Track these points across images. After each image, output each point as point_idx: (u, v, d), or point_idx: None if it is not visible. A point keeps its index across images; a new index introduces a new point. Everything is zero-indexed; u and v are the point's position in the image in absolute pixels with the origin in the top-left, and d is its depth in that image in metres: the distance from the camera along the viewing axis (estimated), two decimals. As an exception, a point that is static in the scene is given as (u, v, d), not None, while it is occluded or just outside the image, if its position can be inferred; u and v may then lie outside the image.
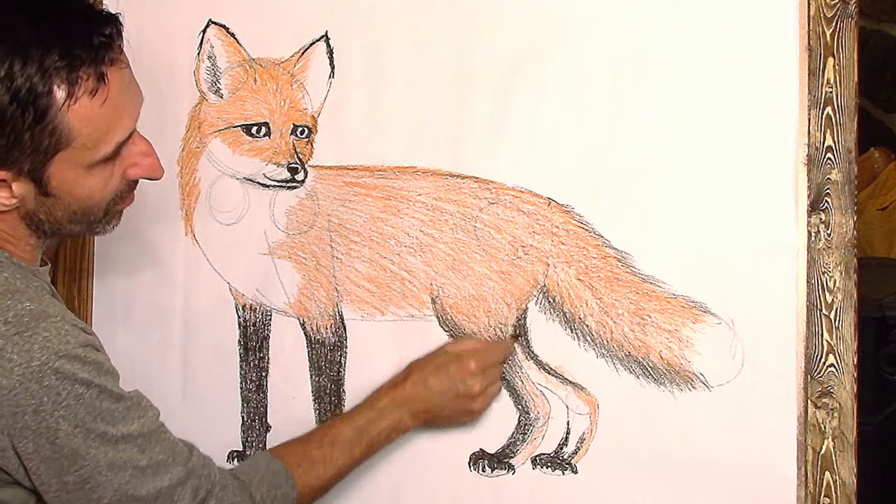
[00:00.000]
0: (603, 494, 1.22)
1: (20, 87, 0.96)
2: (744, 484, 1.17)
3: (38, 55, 0.96)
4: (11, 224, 1.06)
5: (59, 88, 0.98)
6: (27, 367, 0.96)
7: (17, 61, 0.96)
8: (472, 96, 1.26)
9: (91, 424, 0.99)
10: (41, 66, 0.96)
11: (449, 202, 1.28)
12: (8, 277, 1.03)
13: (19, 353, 0.96)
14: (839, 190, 1.15)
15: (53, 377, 0.96)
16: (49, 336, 0.97)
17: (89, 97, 0.99)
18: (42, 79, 0.97)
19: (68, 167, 1.02)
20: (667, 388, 1.20)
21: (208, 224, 1.36)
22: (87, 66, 0.99)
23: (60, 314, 1.01)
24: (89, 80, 0.99)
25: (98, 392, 0.99)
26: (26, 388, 0.96)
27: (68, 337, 0.98)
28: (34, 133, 0.98)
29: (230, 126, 1.34)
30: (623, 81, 1.21)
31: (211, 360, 1.36)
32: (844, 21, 1.15)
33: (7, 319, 0.98)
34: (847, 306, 1.15)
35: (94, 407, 0.99)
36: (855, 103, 1.15)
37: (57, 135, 0.99)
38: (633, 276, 1.21)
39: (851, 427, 1.15)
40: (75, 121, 0.99)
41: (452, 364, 1.21)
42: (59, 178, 1.02)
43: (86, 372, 0.98)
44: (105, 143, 1.03)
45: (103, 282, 1.41)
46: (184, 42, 1.37)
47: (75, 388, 0.97)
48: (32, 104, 0.97)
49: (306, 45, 1.32)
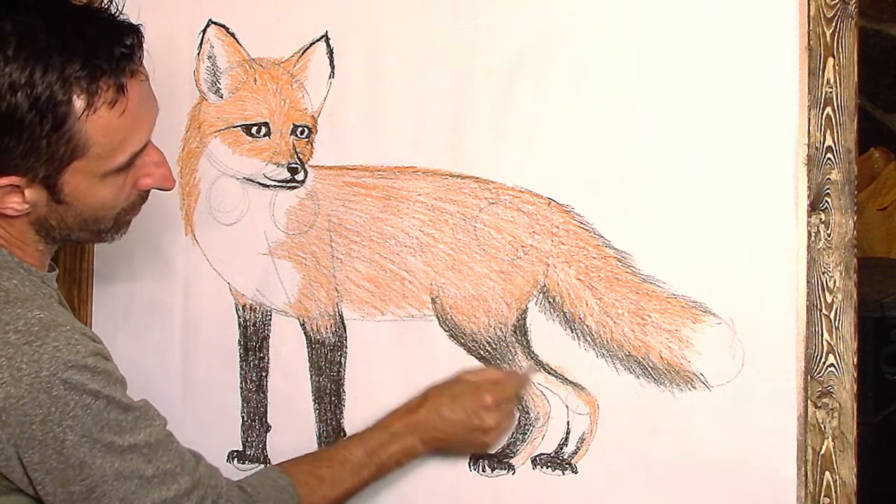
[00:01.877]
0: (603, 494, 1.22)
1: (40, 94, 0.96)
2: (744, 484, 1.17)
3: (59, 63, 0.96)
4: (21, 229, 1.06)
5: (79, 98, 0.98)
6: (36, 376, 0.95)
7: (38, 69, 0.96)
8: (472, 96, 1.26)
9: (98, 435, 0.98)
10: (62, 75, 0.96)
11: (449, 202, 1.28)
12: (17, 284, 1.03)
13: (28, 362, 0.95)
14: (839, 190, 1.15)
15: (62, 387, 0.96)
16: (59, 346, 0.97)
17: (108, 108, 0.99)
18: (62, 87, 0.97)
19: (82, 176, 1.02)
20: (667, 388, 1.20)
21: (208, 224, 1.36)
22: (108, 76, 0.99)
23: (70, 323, 1.01)
24: (109, 90, 0.99)
25: (107, 403, 0.99)
26: (35, 397, 0.95)
27: (78, 346, 0.98)
28: (51, 141, 0.98)
29: (230, 126, 1.34)
30: (623, 81, 1.21)
31: (211, 361, 1.36)
32: (844, 21, 1.15)
33: (17, 328, 0.97)
34: (847, 306, 1.15)
35: (101, 417, 0.98)
36: (855, 103, 1.15)
37: (73, 143, 0.99)
38: (633, 276, 1.21)
39: (851, 427, 1.15)
40: (93, 130, 0.99)
41: (469, 396, 1.20)
42: (72, 186, 1.02)
43: (95, 382, 0.98)
44: (120, 153, 1.03)
45: (103, 282, 1.41)
46: (184, 42, 1.37)
47: (83, 399, 0.97)
48: (51, 112, 0.97)
49: (306, 45, 1.32)
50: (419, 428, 1.21)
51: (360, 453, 1.19)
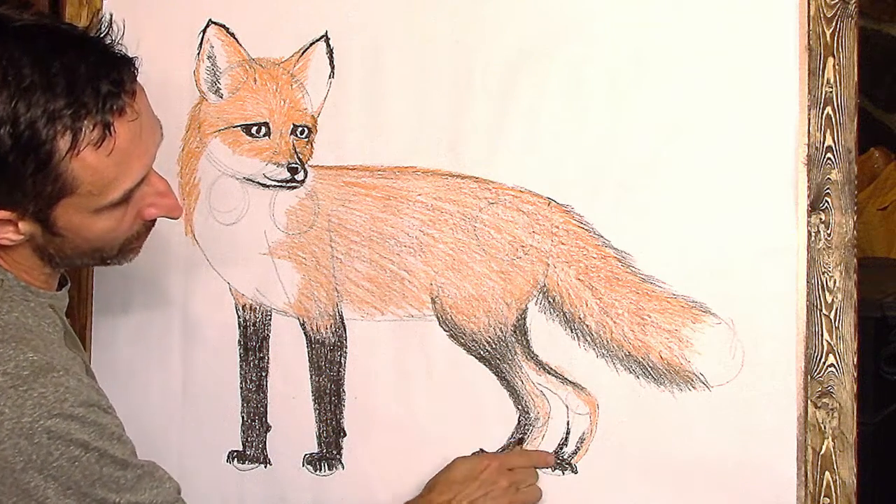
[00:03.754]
0: (603, 494, 1.22)
1: (22, 132, 0.92)
2: (744, 484, 1.17)
3: (42, 101, 0.92)
4: (24, 255, 1.04)
5: (62, 137, 0.94)
6: (17, 422, 0.92)
7: (21, 105, 0.92)
8: (472, 96, 1.26)
9: (87, 489, 0.95)
10: (44, 112, 0.92)
11: (449, 202, 1.28)
12: (18, 317, 1.00)
13: (12, 407, 0.92)
14: (839, 190, 1.15)
15: (45, 436, 0.92)
16: (45, 392, 0.93)
17: (93, 148, 0.95)
18: (45, 126, 0.93)
19: (74, 211, 0.99)
20: (667, 388, 1.20)
21: (208, 224, 1.36)
22: (93, 115, 0.94)
23: (65, 367, 0.97)
24: (94, 130, 0.95)
25: (99, 456, 0.95)
26: (15, 444, 0.92)
27: (67, 394, 0.94)
28: (36, 180, 0.95)
29: (230, 126, 1.34)
30: (623, 81, 1.21)
31: (211, 360, 1.36)
32: (844, 21, 1.15)
33: (6, 370, 0.94)
34: (847, 306, 1.15)
35: (92, 471, 0.95)
36: (855, 103, 1.15)
37: (60, 182, 0.96)
38: (633, 276, 1.21)
39: (851, 427, 1.15)
40: (79, 170, 0.96)
41: (470, 462, 1.21)
42: (65, 220, 0.99)
43: (84, 433, 0.94)
44: (113, 190, 0.99)
45: (103, 282, 1.41)
46: (184, 42, 1.37)
47: (70, 450, 0.94)
48: (34, 152, 0.93)
49: (306, 45, 1.32)
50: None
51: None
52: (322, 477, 1.31)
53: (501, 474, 1.20)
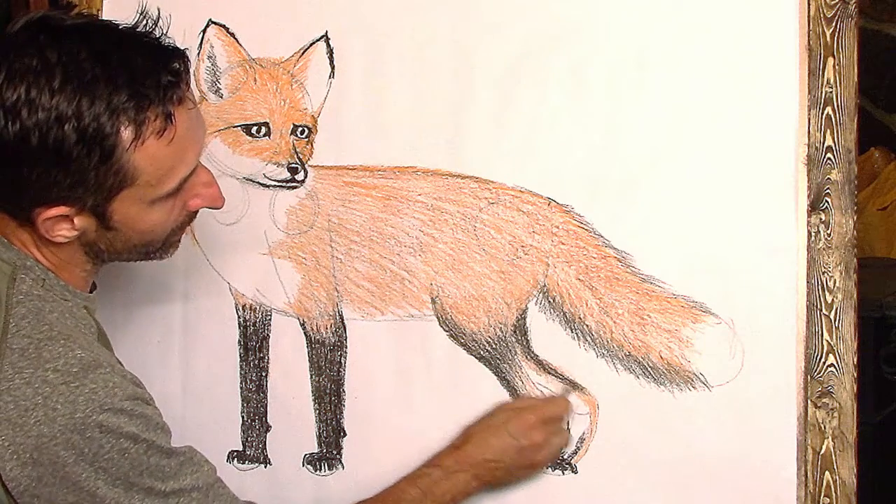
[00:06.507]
0: (603, 494, 1.22)
1: (87, 126, 0.94)
2: (744, 484, 1.17)
3: (106, 94, 0.95)
4: (70, 252, 1.05)
5: (127, 129, 0.96)
6: (70, 417, 0.94)
7: (84, 100, 0.94)
8: (472, 96, 1.26)
9: (136, 479, 0.98)
10: (108, 106, 0.95)
11: (449, 202, 1.28)
12: (58, 317, 1.02)
13: (64, 403, 0.95)
14: (839, 190, 1.15)
15: (97, 430, 0.95)
16: (96, 388, 0.96)
17: (156, 137, 0.98)
18: (109, 119, 0.95)
19: (131, 203, 1.01)
20: (667, 388, 1.20)
21: (208, 224, 1.35)
22: (155, 105, 0.97)
23: (110, 364, 1.00)
24: (157, 120, 0.97)
25: (147, 447, 0.98)
26: (67, 438, 0.94)
27: (116, 389, 0.97)
28: (99, 172, 0.97)
29: (230, 126, 1.34)
30: (623, 81, 1.21)
31: (211, 360, 1.36)
32: (844, 21, 1.15)
33: (57, 367, 0.96)
34: (847, 306, 1.15)
35: (141, 462, 0.98)
36: (855, 103, 1.15)
37: (122, 174, 0.98)
38: (633, 276, 1.21)
39: (851, 427, 1.15)
40: (141, 160, 0.98)
41: (511, 420, 1.19)
42: (121, 214, 1.01)
43: (132, 426, 0.97)
44: (169, 180, 1.02)
45: (103, 282, 1.41)
46: (183, 42, 1.36)
47: (120, 443, 0.96)
48: (99, 144, 0.95)
49: (306, 45, 1.32)
50: (469, 461, 1.18)
51: (414, 492, 1.17)
52: (322, 477, 1.32)
53: (536, 429, 1.19)
